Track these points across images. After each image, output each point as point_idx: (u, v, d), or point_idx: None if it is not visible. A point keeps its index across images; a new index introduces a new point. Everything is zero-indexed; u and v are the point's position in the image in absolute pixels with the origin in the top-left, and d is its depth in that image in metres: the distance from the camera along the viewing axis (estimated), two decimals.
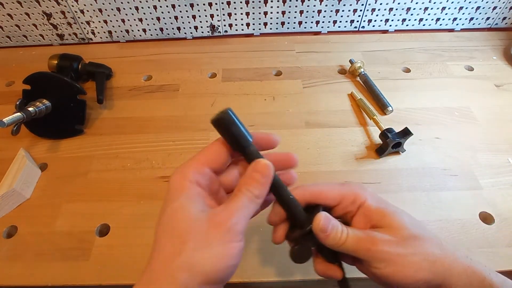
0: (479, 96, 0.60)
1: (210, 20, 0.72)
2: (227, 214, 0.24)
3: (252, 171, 0.26)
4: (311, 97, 0.61)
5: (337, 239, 0.27)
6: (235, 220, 0.24)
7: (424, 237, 0.27)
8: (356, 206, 0.29)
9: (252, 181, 0.26)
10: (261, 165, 0.26)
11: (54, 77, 0.54)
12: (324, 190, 0.29)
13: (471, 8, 0.71)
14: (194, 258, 0.23)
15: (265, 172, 0.26)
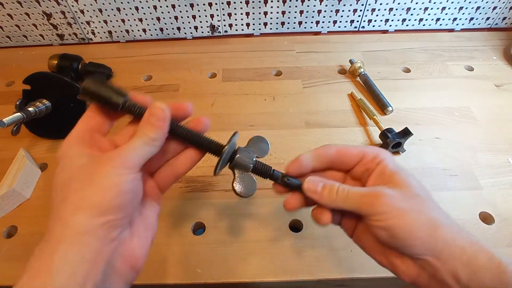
0: (479, 96, 0.60)
1: (210, 20, 0.72)
2: (116, 153, 0.24)
3: (148, 115, 0.26)
4: (311, 97, 0.61)
5: (333, 197, 0.27)
6: (124, 159, 0.24)
7: (431, 202, 0.27)
8: (375, 163, 0.29)
9: (147, 124, 0.26)
10: (156, 108, 0.26)
11: (54, 77, 0.54)
12: (348, 147, 0.30)
13: (471, 8, 0.71)
14: (79, 196, 0.23)
15: (159, 114, 0.26)
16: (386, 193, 0.26)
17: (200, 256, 0.41)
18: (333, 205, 0.27)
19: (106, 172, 0.23)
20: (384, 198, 0.25)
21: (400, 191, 0.26)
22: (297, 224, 0.45)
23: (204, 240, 0.43)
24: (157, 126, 0.26)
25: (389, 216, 0.25)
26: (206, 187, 0.48)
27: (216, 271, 0.40)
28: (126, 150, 0.25)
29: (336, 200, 0.27)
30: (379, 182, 0.28)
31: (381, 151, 0.29)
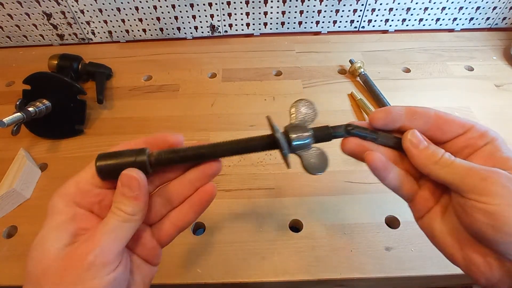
0: (479, 96, 0.60)
1: (210, 20, 0.72)
2: (88, 245, 0.20)
3: (120, 185, 0.22)
4: (311, 97, 0.61)
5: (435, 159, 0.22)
6: (98, 251, 0.20)
7: None
8: (484, 141, 0.24)
9: (121, 197, 0.22)
10: (125, 176, 0.22)
11: (54, 77, 0.54)
12: (451, 115, 0.24)
13: (471, 8, 0.71)
14: None
15: (132, 184, 0.22)
16: (505, 174, 0.20)
17: (200, 256, 0.41)
18: (430, 167, 0.23)
19: (79, 276, 0.20)
20: (502, 178, 0.20)
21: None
22: (297, 224, 0.45)
23: (204, 240, 0.43)
24: (134, 198, 0.22)
25: (501, 200, 0.20)
26: None
27: (216, 271, 0.40)
28: (100, 237, 0.21)
29: (438, 163, 0.22)
30: (490, 164, 0.22)
31: (491, 130, 0.24)
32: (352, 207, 0.45)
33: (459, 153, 0.24)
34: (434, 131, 0.24)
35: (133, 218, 0.22)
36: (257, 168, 0.50)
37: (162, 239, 0.26)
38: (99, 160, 0.23)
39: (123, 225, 0.22)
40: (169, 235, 0.26)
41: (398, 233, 0.43)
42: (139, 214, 0.22)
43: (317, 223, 0.44)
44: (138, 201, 0.22)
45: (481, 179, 0.21)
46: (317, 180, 0.49)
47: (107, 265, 0.20)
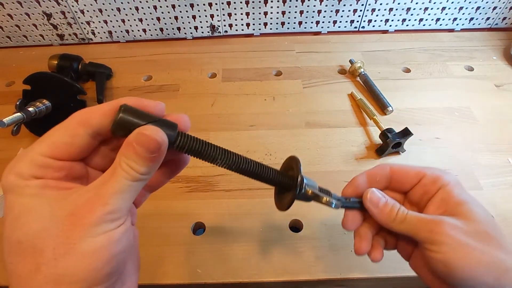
0: (479, 96, 0.60)
1: (210, 20, 0.72)
2: (94, 203, 0.18)
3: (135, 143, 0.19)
4: (311, 97, 0.61)
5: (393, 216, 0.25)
6: (110, 207, 0.18)
7: (501, 241, 0.23)
8: (437, 187, 0.26)
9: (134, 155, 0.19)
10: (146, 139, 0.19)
11: (54, 77, 0.54)
12: (405, 166, 0.28)
13: (471, 8, 0.71)
14: (58, 268, 0.17)
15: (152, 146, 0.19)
16: (450, 223, 0.23)
17: (200, 256, 0.41)
18: (390, 225, 0.26)
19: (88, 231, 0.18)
20: (445, 226, 0.23)
21: (467, 224, 0.23)
22: (297, 224, 0.45)
23: (204, 240, 0.43)
24: (150, 159, 0.19)
25: (449, 248, 0.22)
26: (206, 187, 0.48)
27: (216, 271, 0.40)
28: (110, 194, 0.19)
29: (395, 220, 0.25)
30: (441, 210, 0.25)
31: (443, 174, 0.27)
32: None
33: (420, 201, 0.27)
34: (395, 185, 0.28)
35: (144, 177, 0.20)
36: None
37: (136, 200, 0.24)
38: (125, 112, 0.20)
39: (133, 184, 0.19)
40: (141, 195, 0.25)
41: None
42: (152, 173, 0.20)
43: (317, 223, 0.44)
44: (153, 163, 0.20)
45: (429, 231, 0.23)
46: (317, 180, 0.48)
47: (118, 219, 0.19)
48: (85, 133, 0.20)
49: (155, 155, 0.19)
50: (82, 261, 0.18)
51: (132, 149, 0.19)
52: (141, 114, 0.20)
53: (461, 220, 0.23)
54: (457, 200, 0.25)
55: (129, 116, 0.20)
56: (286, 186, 0.27)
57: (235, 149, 0.27)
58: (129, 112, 0.20)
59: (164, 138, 0.20)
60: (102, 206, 0.18)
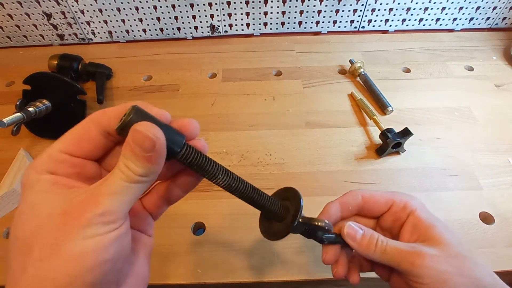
0: (479, 96, 0.60)
1: (210, 20, 0.72)
2: (88, 203, 0.18)
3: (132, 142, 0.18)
4: (311, 97, 0.61)
5: (372, 248, 0.26)
6: (100, 211, 0.17)
7: (474, 260, 0.25)
8: (406, 214, 0.28)
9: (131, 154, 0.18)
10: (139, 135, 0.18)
11: (54, 77, 0.54)
12: (375, 194, 0.29)
13: (471, 8, 0.71)
14: (40, 270, 0.17)
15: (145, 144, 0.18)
16: (428, 254, 0.25)
17: (200, 256, 0.41)
18: (371, 256, 0.26)
19: (76, 233, 0.17)
20: (425, 260, 0.24)
21: (441, 250, 0.25)
22: None
23: (204, 240, 0.43)
24: (146, 159, 0.18)
25: (431, 280, 0.24)
26: (206, 187, 0.48)
27: (216, 271, 0.40)
28: (103, 198, 0.18)
29: (375, 252, 0.26)
30: (414, 237, 0.27)
31: (411, 199, 0.28)
32: None
33: (392, 228, 0.28)
34: (366, 212, 0.29)
35: (143, 179, 0.18)
36: (257, 168, 0.50)
37: (152, 211, 0.24)
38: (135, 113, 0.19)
39: (131, 186, 0.18)
40: (157, 207, 0.24)
41: None
42: (151, 176, 0.19)
43: None
44: (151, 163, 0.18)
45: (411, 264, 0.24)
46: (317, 180, 0.49)
47: (110, 223, 0.18)
48: (96, 131, 0.20)
49: (151, 155, 0.18)
50: (64, 265, 0.17)
51: (129, 148, 0.18)
52: (149, 118, 0.19)
53: (436, 248, 0.25)
54: (427, 225, 0.26)
55: (136, 118, 0.19)
56: (278, 217, 0.27)
57: (235, 149, 0.27)
58: (139, 114, 0.19)
59: (159, 135, 0.18)
60: (94, 206, 0.17)
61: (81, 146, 0.21)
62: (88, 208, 0.17)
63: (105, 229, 0.18)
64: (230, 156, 0.51)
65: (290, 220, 0.26)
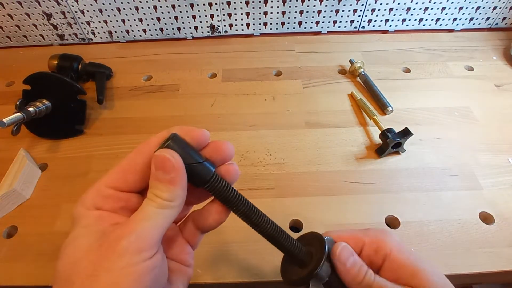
0: (479, 96, 0.60)
1: (210, 20, 0.72)
2: (122, 232, 0.19)
3: (154, 169, 0.20)
4: (311, 97, 0.61)
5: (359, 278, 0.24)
6: (133, 238, 0.18)
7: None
8: (381, 257, 0.25)
9: (155, 181, 0.20)
10: (159, 159, 0.20)
11: (54, 77, 0.54)
12: (342, 234, 0.26)
13: (471, 8, 0.71)
14: None
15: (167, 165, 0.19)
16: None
17: (200, 256, 0.41)
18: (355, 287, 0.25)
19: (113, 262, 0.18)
20: None
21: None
22: (297, 224, 0.45)
23: (204, 240, 0.43)
24: (169, 181, 0.20)
25: None
26: None
27: (216, 271, 0.40)
28: (135, 224, 0.19)
29: (361, 284, 0.24)
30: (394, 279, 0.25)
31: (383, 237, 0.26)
32: (352, 207, 0.46)
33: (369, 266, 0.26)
34: None
35: (170, 204, 0.20)
36: (257, 168, 0.50)
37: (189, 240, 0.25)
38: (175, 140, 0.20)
39: (160, 211, 0.20)
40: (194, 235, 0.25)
41: (398, 233, 0.43)
42: (177, 200, 0.20)
43: (317, 223, 0.44)
44: (174, 186, 0.20)
45: None
46: (317, 180, 0.49)
47: (142, 251, 0.18)
48: (142, 163, 0.21)
49: (173, 176, 0.20)
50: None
51: (153, 176, 0.20)
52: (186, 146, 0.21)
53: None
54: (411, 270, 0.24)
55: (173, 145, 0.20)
56: (300, 262, 0.26)
57: (235, 149, 0.27)
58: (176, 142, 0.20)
59: (176, 156, 0.20)
60: (128, 233, 0.19)
61: (127, 179, 0.22)
62: (122, 236, 0.18)
63: (140, 257, 0.18)
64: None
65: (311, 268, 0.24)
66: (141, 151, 0.22)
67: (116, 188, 0.21)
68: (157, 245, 0.20)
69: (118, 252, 0.18)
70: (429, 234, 0.42)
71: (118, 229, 0.19)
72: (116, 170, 0.22)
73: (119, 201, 0.21)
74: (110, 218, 0.21)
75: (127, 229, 0.19)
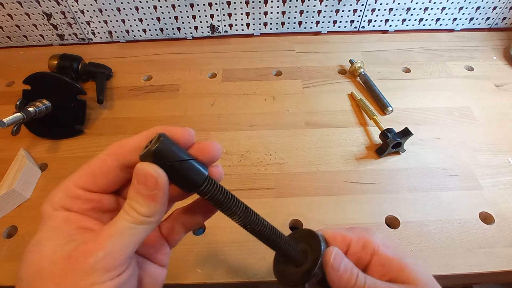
0: (479, 96, 0.60)
1: (210, 20, 0.72)
2: (90, 247, 0.17)
3: (135, 181, 0.18)
4: (311, 97, 0.61)
5: (351, 284, 0.23)
6: (101, 256, 0.17)
7: None
8: (369, 253, 0.25)
9: (135, 194, 0.18)
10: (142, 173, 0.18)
11: (54, 77, 0.54)
12: (329, 232, 0.26)
13: (471, 8, 0.71)
14: None
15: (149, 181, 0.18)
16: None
17: (200, 256, 0.41)
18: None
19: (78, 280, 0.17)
20: None
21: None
22: (297, 224, 0.45)
23: (204, 240, 0.43)
24: (149, 197, 0.18)
25: None
26: None
27: (216, 271, 0.40)
28: (105, 240, 0.18)
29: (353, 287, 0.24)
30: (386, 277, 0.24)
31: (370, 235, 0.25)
32: (352, 207, 0.46)
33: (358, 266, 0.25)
34: None
35: (147, 220, 0.19)
36: (257, 168, 0.50)
37: (169, 238, 0.24)
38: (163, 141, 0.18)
39: (134, 227, 0.18)
40: (175, 233, 0.24)
41: (398, 233, 0.43)
42: (156, 216, 0.19)
43: (317, 223, 0.44)
44: (155, 202, 0.19)
45: None
46: (317, 180, 0.49)
47: (110, 270, 0.17)
48: (113, 165, 0.20)
49: (155, 193, 0.18)
50: None
51: (133, 188, 0.18)
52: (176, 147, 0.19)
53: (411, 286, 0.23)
54: (397, 264, 0.24)
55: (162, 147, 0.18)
56: (296, 261, 0.25)
57: (235, 149, 0.26)
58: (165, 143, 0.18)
59: (161, 173, 0.18)
60: (96, 249, 0.17)
61: (97, 181, 0.20)
62: (90, 252, 0.17)
63: (106, 276, 0.17)
64: (230, 156, 0.51)
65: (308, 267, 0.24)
66: (113, 154, 0.20)
67: (85, 189, 0.20)
68: (127, 262, 0.18)
69: (84, 270, 0.17)
70: (429, 234, 0.42)
71: (87, 243, 0.18)
72: (85, 171, 0.21)
73: (89, 202, 0.20)
74: (78, 221, 0.20)
75: (95, 246, 0.17)
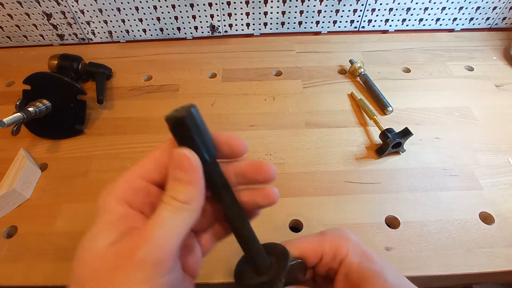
0: (479, 96, 0.60)
1: (210, 20, 0.72)
2: (136, 240, 0.17)
3: (171, 169, 0.19)
4: (311, 97, 0.61)
5: None
6: (150, 247, 0.17)
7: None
8: (337, 262, 0.24)
9: (173, 182, 0.19)
10: (178, 156, 0.18)
11: (54, 77, 0.54)
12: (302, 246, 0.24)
13: (471, 8, 0.71)
14: None
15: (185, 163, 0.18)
16: None
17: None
18: None
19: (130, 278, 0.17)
20: None
21: None
22: (297, 224, 0.45)
23: None
24: (186, 182, 0.19)
25: None
26: None
27: (216, 271, 0.40)
28: (150, 230, 0.18)
29: None
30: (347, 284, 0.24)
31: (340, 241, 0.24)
32: (352, 207, 0.46)
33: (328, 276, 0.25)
34: None
35: (187, 207, 0.18)
36: None
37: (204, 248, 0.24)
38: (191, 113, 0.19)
39: (176, 216, 0.18)
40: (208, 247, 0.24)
41: (398, 233, 0.43)
42: (194, 202, 0.19)
43: (317, 223, 0.44)
44: (191, 186, 0.19)
45: None
46: (317, 180, 0.49)
47: (160, 264, 0.17)
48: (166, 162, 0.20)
49: (190, 176, 0.18)
50: None
51: (171, 177, 0.19)
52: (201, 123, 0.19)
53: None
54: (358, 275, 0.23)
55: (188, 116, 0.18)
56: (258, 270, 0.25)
57: None
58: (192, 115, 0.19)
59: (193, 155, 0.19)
60: (144, 243, 0.17)
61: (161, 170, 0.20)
62: (138, 246, 0.17)
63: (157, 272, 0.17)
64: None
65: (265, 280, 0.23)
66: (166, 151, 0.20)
67: (149, 180, 0.20)
68: (176, 255, 0.18)
69: (134, 265, 0.17)
70: (429, 234, 0.42)
71: (133, 237, 0.18)
72: (148, 159, 0.20)
73: (149, 196, 0.20)
74: (134, 220, 0.19)
75: (142, 238, 0.17)
